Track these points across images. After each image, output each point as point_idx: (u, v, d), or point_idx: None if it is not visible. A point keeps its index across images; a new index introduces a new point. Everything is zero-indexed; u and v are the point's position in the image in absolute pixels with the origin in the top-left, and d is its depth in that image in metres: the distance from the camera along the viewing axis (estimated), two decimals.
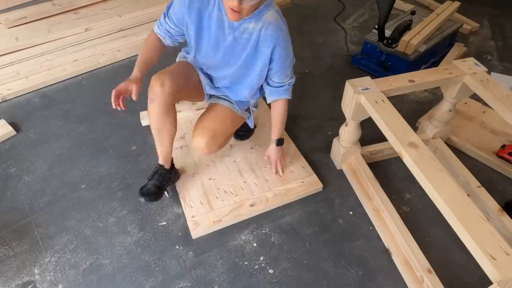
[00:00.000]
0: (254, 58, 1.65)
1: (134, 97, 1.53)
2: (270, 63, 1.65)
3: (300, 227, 1.89)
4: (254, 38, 1.57)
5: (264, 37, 1.55)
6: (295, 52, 1.74)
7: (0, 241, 1.87)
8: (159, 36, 1.73)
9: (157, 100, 1.64)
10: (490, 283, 1.12)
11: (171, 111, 1.72)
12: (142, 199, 1.81)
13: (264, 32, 1.54)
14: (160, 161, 1.89)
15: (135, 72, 1.61)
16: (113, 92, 1.53)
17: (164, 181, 1.89)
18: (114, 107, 1.54)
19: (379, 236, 1.84)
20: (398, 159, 2.02)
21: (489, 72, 1.83)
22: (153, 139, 1.81)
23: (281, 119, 1.90)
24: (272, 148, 2.01)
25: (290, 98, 1.83)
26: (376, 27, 2.70)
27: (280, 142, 1.98)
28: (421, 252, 1.68)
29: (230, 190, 2.00)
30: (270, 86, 1.79)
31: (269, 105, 2.46)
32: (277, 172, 2.05)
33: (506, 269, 1.10)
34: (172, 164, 1.97)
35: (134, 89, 1.53)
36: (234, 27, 1.56)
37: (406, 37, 2.60)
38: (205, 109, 1.94)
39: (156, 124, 1.74)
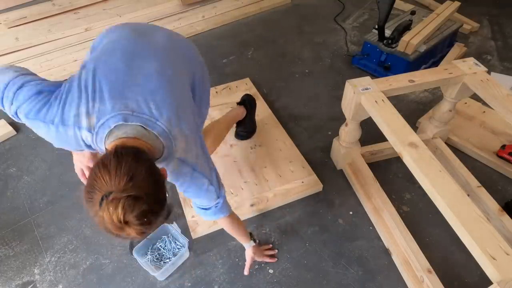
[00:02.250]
0: None
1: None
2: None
3: (300, 227, 1.89)
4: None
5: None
6: (295, 51, 1.73)
7: (0, 241, 1.87)
8: None
9: None
10: (490, 283, 1.12)
11: None
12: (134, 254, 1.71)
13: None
14: None
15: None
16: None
17: None
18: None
19: (379, 236, 1.84)
20: (398, 159, 2.01)
21: (489, 72, 1.82)
22: None
23: (233, 234, 1.62)
24: (248, 254, 1.70)
25: (228, 214, 1.49)
26: (376, 27, 2.69)
27: (253, 241, 1.68)
28: (421, 252, 1.68)
29: (230, 190, 2.00)
30: (198, 207, 1.43)
31: (269, 104, 2.47)
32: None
33: (506, 269, 1.10)
34: None
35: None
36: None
37: (406, 37, 2.59)
38: None
39: None
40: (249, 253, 1.67)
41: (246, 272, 1.70)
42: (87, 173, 1.41)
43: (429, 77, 1.79)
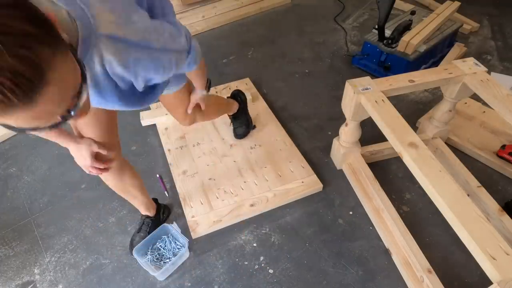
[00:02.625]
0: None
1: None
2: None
3: (300, 227, 1.89)
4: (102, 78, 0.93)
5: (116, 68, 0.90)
6: (296, 51, 1.73)
7: (0, 241, 1.87)
8: None
9: (107, 174, 1.50)
10: (490, 283, 1.11)
11: (123, 171, 1.55)
12: (132, 253, 1.71)
13: (113, 66, 0.88)
14: (143, 212, 1.83)
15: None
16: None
17: (153, 229, 1.80)
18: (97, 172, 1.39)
19: (379, 236, 1.84)
20: (398, 159, 2.02)
21: (489, 72, 1.82)
22: (152, 140, 1.79)
23: (199, 77, 1.49)
24: (196, 97, 1.63)
25: (199, 63, 1.27)
26: (376, 27, 2.69)
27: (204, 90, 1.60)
28: (421, 252, 1.67)
29: (230, 190, 2.00)
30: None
31: (269, 104, 2.47)
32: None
33: (506, 269, 1.10)
34: (158, 205, 1.90)
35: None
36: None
37: (406, 37, 2.59)
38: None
39: (117, 189, 1.61)
40: (196, 96, 1.61)
41: (189, 111, 1.65)
42: (88, 160, 1.31)
43: (429, 77, 1.79)
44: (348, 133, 1.96)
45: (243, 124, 2.24)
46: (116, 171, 1.51)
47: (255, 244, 1.82)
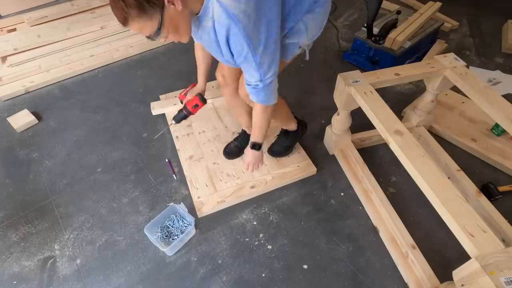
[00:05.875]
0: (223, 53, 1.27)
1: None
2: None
3: (296, 207, 1.84)
4: (213, 35, 1.19)
5: (219, 32, 1.15)
6: None
7: (24, 220, 1.82)
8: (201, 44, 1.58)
9: (224, 88, 1.68)
10: (469, 258, 1.10)
11: (237, 92, 1.63)
12: (225, 157, 1.99)
13: (217, 27, 1.14)
14: (244, 127, 1.95)
15: (200, 85, 1.73)
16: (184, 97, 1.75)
17: (245, 143, 1.79)
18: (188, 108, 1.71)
19: (367, 215, 1.79)
20: (385, 145, 1.96)
21: (467, 66, 1.77)
22: (162, 127, 1.75)
23: (255, 122, 1.48)
24: (247, 150, 1.63)
25: (263, 106, 1.38)
26: (365, 25, 2.63)
27: (254, 146, 1.58)
28: (406, 230, 1.65)
29: (232, 173, 1.95)
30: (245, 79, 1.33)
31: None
32: (247, 169, 1.68)
33: (483, 245, 1.09)
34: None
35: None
36: (197, 25, 1.22)
37: (392, 34, 2.52)
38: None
39: (228, 104, 1.81)
40: (246, 151, 1.63)
41: (246, 169, 1.68)
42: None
43: (413, 71, 1.75)
44: (339, 122, 1.91)
45: (283, 145, 2.00)
46: (230, 91, 1.68)
47: (255, 223, 1.78)
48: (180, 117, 1.75)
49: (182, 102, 1.78)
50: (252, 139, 1.57)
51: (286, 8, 1.27)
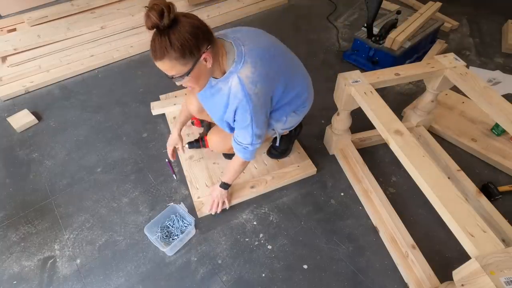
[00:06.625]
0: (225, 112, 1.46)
1: (182, 151, 1.84)
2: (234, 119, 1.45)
3: (296, 207, 1.84)
4: (225, 100, 1.38)
5: (232, 101, 1.35)
6: (292, 47, 1.68)
7: (24, 220, 1.82)
8: None
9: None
10: (469, 258, 1.09)
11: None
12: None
13: (231, 96, 1.34)
14: None
15: (175, 133, 1.79)
16: (169, 152, 1.82)
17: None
18: (172, 159, 1.85)
19: (367, 215, 1.79)
20: (385, 145, 1.96)
21: (467, 66, 1.77)
22: (162, 127, 1.75)
23: (231, 168, 1.67)
24: (215, 187, 1.78)
25: (244, 160, 1.60)
26: (365, 25, 2.63)
27: (223, 185, 1.74)
28: (406, 230, 1.64)
29: None
30: (234, 139, 1.54)
31: None
32: (210, 210, 1.78)
33: (483, 245, 1.09)
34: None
35: (180, 147, 1.81)
36: (211, 84, 1.42)
37: (392, 34, 2.52)
38: None
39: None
40: (213, 189, 1.80)
41: (213, 212, 1.78)
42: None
43: (413, 70, 1.74)
44: (339, 122, 1.91)
45: (280, 149, 2.01)
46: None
47: (255, 223, 1.78)
48: (195, 147, 2.06)
49: (193, 123, 2.04)
50: (224, 179, 1.73)
51: (278, 104, 1.53)
